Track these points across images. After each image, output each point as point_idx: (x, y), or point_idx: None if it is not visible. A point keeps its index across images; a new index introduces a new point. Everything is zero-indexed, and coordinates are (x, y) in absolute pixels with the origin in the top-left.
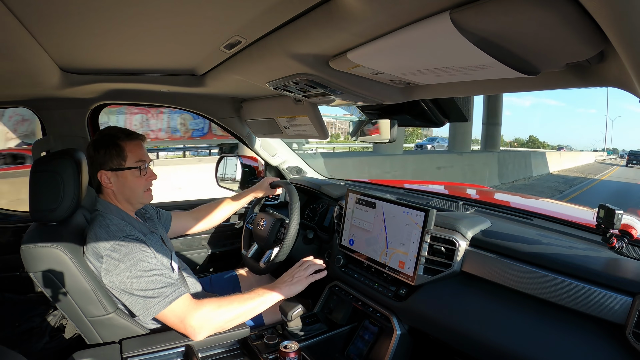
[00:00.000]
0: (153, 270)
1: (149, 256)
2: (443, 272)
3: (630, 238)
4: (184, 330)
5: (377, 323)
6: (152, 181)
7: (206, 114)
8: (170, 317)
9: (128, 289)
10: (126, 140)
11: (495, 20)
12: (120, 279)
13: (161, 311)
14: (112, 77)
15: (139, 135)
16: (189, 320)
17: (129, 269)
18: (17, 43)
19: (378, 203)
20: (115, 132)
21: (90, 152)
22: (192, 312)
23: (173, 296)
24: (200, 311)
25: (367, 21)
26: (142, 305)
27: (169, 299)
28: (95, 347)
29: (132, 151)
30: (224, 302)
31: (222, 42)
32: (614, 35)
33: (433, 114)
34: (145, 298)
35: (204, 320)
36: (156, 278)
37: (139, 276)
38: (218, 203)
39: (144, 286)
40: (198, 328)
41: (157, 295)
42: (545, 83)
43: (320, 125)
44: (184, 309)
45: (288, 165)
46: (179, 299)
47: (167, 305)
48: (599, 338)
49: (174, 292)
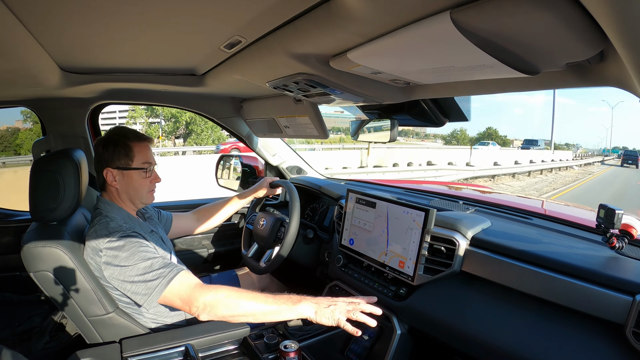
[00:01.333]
0: (152, 258)
1: (147, 247)
2: (443, 271)
3: (630, 238)
4: (190, 304)
5: (377, 323)
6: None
7: (206, 113)
8: (175, 299)
9: (128, 277)
10: (135, 141)
11: (495, 20)
12: (119, 270)
13: (164, 292)
14: (112, 76)
15: (148, 138)
16: (192, 301)
17: (127, 258)
18: (17, 43)
19: (378, 203)
20: (125, 132)
21: (99, 149)
22: (195, 294)
23: (171, 275)
24: (204, 295)
25: (367, 21)
26: (144, 289)
27: (168, 278)
28: (96, 346)
29: (140, 152)
30: (238, 293)
31: (222, 41)
32: (614, 35)
33: (433, 114)
34: (146, 282)
35: (214, 300)
36: (153, 262)
37: (136, 263)
38: (218, 204)
39: (142, 271)
40: (209, 306)
41: (157, 276)
42: (545, 83)
43: (320, 125)
44: (187, 289)
45: (288, 165)
46: (178, 277)
47: (167, 284)
48: (599, 338)
49: (171, 270)
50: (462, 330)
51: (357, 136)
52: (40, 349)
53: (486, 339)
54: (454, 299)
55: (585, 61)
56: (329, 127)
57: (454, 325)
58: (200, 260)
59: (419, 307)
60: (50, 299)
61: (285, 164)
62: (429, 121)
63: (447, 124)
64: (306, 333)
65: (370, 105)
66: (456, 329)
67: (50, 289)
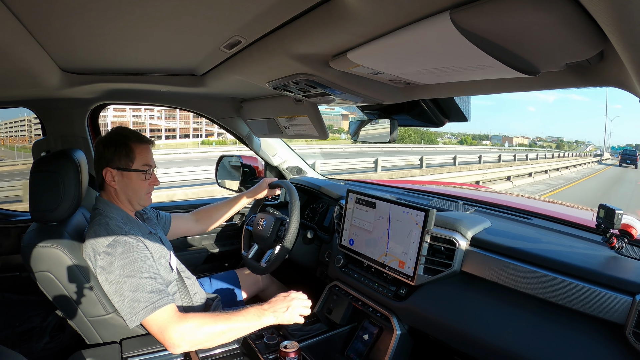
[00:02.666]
0: (146, 272)
1: (144, 257)
2: (443, 272)
3: (630, 238)
4: (163, 341)
5: (377, 323)
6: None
7: (206, 114)
8: (153, 325)
9: (119, 289)
10: (137, 142)
11: (495, 20)
12: (113, 277)
13: (146, 317)
14: (112, 77)
15: (149, 140)
16: (169, 331)
17: (122, 267)
18: (17, 43)
19: (378, 203)
20: (127, 133)
21: (100, 148)
22: (174, 324)
23: (159, 303)
24: (182, 325)
25: (367, 21)
26: (129, 309)
27: (154, 306)
28: (95, 347)
29: (140, 154)
30: (208, 320)
31: (222, 42)
32: (614, 35)
33: (433, 114)
34: (133, 302)
35: (185, 335)
36: (147, 281)
37: (131, 275)
38: (217, 205)
39: (134, 287)
40: (178, 340)
41: (145, 300)
42: (545, 83)
43: (320, 125)
44: (167, 319)
45: (288, 165)
46: (164, 308)
47: (152, 311)
48: (599, 338)
49: (161, 299)
50: (461, 330)
51: (357, 136)
52: (40, 349)
53: (486, 339)
54: (454, 299)
55: (585, 61)
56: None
57: (453, 325)
58: (200, 260)
59: (418, 307)
60: (50, 299)
61: (285, 165)
62: (428, 121)
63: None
64: (306, 333)
65: (370, 105)
66: (456, 329)
67: (50, 289)
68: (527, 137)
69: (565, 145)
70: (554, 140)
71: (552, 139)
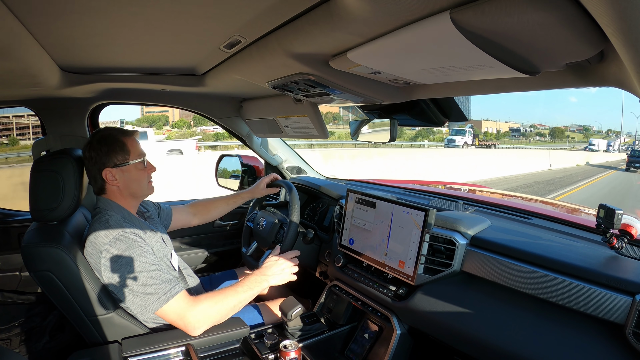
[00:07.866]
0: (152, 265)
1: (147, 252)
2: (443, 271)
3: (630, 238)
4: (183, 326)
5: (377, 323)
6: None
7: (206, 113)
8: (169, 314)
9: (127, 285)
10: (125, 136)
11: (495, 19)
12: (119, 275)
13: (160, 308)
14: (112, 76)
15: (134, 132)
16: (188, 317)
17: (127, 264)
18: (17, 43)
19: (378, 203)
20: (112, 132)
21: (92, 154)
22: (190, 308)
23: (171, 292)
24: (197, 307)
25: (367, 21)
26: (141, 302)
27: (167, 296)
28: (95, 346)
29: (132, 146)
30: (220, 297)
31: (222, 41)
32: (614, 35)
33: (433, 114)
34: (145, 295)
35: (202, 316)
36: (155, 274)
37: (139, 271)
38: (214, 200)
39: (143, 282)
40: (198, 323)
41: (156, 291)
42: (545, 83)
43: (320, 124)
44: (183, 305)
45: (288, 165)
46: (177, 296)
47: (166, 302)
48: (599, 338)
49: (172, 288)
50: (461, 330)
51: (357, 136)
52: (40, 349)
53: (486, 338)
54: (454, 299)
55: (585, 61)
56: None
57: (453, 325)
58: (200, 260)
59: (418, 307)
60: (51, 299)
61: (285, 164)
62: (428, 121)
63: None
64: (306, 333)
65: (370, 105)
66: (456, 328)
67: (50, 289)
68: (516, 123)
69: (591, 135)
70: (579, 129)
71: (576, 127)
